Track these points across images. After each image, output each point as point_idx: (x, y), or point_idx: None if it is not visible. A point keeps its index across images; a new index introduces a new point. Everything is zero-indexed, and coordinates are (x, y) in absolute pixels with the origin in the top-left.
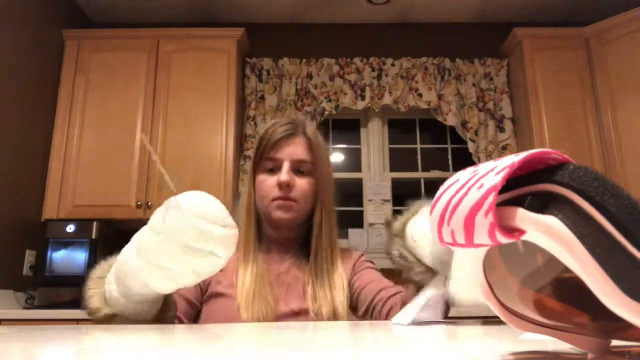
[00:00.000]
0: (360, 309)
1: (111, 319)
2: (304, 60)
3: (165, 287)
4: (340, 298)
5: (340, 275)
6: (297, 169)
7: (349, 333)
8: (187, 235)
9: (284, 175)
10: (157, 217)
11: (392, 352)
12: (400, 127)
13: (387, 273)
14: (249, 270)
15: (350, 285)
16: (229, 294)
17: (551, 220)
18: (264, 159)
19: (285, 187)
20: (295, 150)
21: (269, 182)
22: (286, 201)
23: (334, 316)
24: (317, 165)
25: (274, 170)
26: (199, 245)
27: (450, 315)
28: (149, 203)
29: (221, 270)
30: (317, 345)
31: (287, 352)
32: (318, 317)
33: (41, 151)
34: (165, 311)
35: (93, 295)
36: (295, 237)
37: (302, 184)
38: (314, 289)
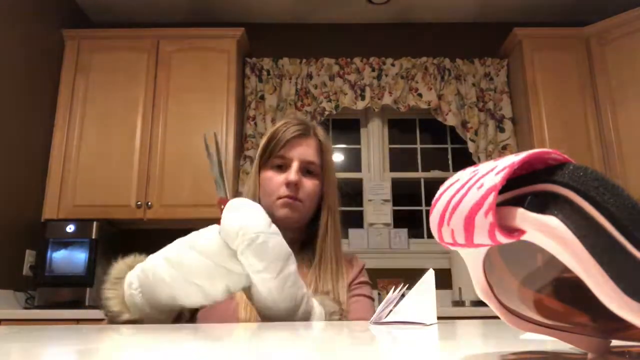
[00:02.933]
0: None
1: (127, 322)
2: (304, 60)
3: (197, 302)
4: (344, 299)
5: (344, 278)
6: (305, 169)
7: (347, 333)
8: (223, 256)
9: (293, 174)
10: (195, 236)
11: (391, 353)
12: (400, 127)
13: (387, 273)
14: None
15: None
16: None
17: (551, 220)
18: (273, 156)
19: (292, 186)
20: (306, 151)
21: (275, 180)
22: (292, 200)
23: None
24: (325, 169)
25: (282, 168)
26: (231, 266)
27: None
28: (149, 203)
29: None
30: (315, 346)
31: (286, 353)
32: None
33: (41, 151)
34: (179, 319)
35: (112, 297)
36: (297, 238)
37: (309, 184)
38: (317, 289)
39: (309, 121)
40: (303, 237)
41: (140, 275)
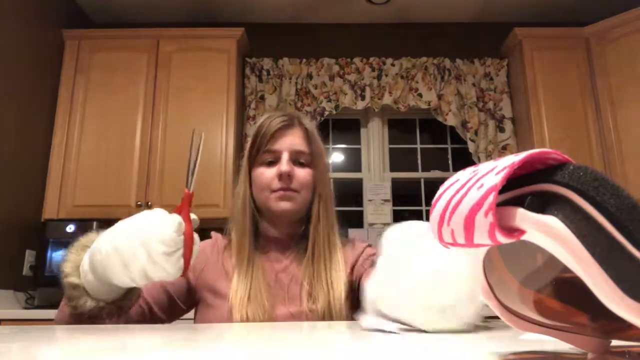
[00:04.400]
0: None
1: (74, 289)
2: (304, 60)
3: (122, 282)
4: (338, 294)
5: (339, 266)
6: (296, 160)
7: (346, 333)
8: (155, 247)
9: (285, 165)
10: (140, 220)
11: (390, 352)
12: (400, 127)
13: None
14: (243, 273)
15: (354, 278)
16: (223, 297)
17: (551, 220)
18: (261, 152)
19: (286, 177)
20: (294, 140)
21: (267, 174)
22: (287, 192)
23: (329, 313)
24: (314, 157)
25: (273, 162)
26: (159, 259)
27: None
28: (149, 203)
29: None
30: (314, 345)
31: (282, 353)
32: (313, 315)
33: (41, 151)
34: (128, 297)
35: (70, 259)
36: (294, 232)
37: (302, 174)
38: (311, 286)
39: (292, 112)
40: (299, 230)
41: (92, 267)
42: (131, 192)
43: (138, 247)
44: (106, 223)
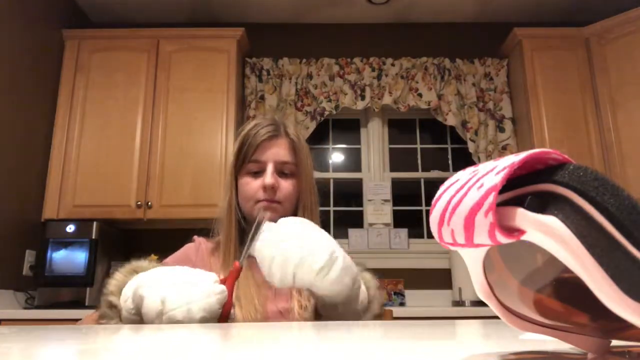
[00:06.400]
0: None
1: (110, 308)
2: (304, 60)
3: (155, 322)
4: None
5: None
6: (281, 170)
7: (348, 331)
8: (196, 314)
9: (269, 178)
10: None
11: (389, 351)
12: (400, 127)
13: (387, 273)
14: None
15: None
16: None
17: (551, 220)
18: (247, 161)
19: (270, 189)
20: (279, 151)
21: (252, 185)
22: (272, 203)
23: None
24: (299, 167)
25: (258, 173)
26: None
27: None
28: (149, 203)
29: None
30: (311, 345)
31: (278, 352)
32: (305, 314)
33: (41, 151)
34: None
35: (116, 278)
36: None
37: (286, 185)
38: (300, 291)
39: (278, 120)
40: None
41: (135, 297)
42: (131, 192)
43: (182, 305)
44: (106, 223)
